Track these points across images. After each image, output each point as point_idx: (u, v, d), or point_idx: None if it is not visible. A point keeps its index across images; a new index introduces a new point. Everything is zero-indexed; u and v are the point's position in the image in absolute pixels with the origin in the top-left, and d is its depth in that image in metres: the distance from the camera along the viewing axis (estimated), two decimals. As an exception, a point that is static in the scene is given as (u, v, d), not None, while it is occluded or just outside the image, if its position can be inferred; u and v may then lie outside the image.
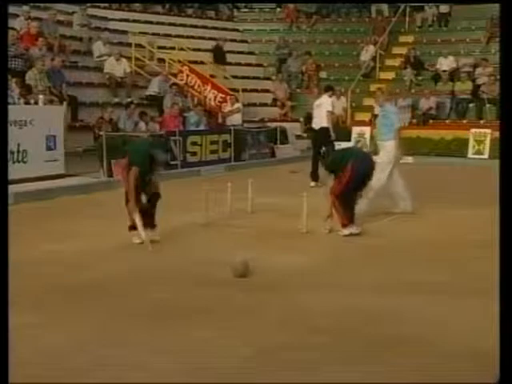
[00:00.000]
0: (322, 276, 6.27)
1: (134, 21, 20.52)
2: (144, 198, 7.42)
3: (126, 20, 20.41)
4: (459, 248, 7.37)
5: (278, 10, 25.07)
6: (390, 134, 9.44)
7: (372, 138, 18.24)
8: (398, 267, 6.54)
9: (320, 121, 12.40)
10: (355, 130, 18.58)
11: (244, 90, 19.32)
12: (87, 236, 7.76)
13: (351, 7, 24.45)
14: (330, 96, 12.95)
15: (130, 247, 7.26)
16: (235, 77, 19.89)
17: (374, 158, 8.72)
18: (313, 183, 11.94)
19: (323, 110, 12.37)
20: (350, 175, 7.85)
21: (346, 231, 7.90)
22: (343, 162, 7.95)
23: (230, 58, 21.42)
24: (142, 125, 14.57)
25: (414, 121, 18.82)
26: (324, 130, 12.26)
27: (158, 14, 22.22)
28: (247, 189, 9.26)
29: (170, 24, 21.66)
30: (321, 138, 12.06)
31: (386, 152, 9.39)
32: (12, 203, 8.49)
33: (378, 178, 8.68)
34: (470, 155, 17.51)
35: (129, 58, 17.61)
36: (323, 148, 9.53)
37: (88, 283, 5.87)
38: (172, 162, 13.72)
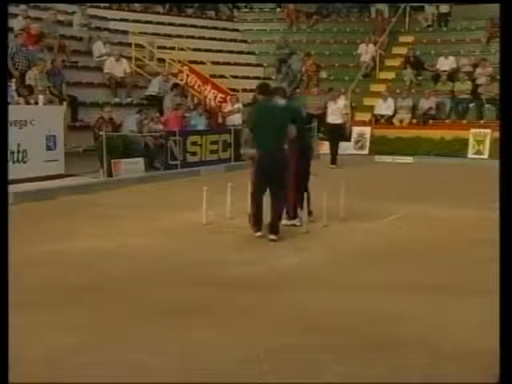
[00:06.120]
0: (322, 276, 6.28)
1: (134, 21, 20.44)
2: None
3: (126, 20, 20.33)
4: (459, 248, 7.37)
5: (278, 9, 25.02)
6: None
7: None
8: (398, 267, 6.55)
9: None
10: (355, 130, 18.56)
11: (244, 90, 19.29)
12: (87, 236, 7.75)
13: (351, 7, 24.39)
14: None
15: (129, 247, 7.26)
16: (235, 77, 19.86)
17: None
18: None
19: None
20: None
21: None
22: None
23: (229, 57, 21.39)
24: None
25: (414, 121, 18.79)
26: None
27: (158, 13, 22.16)
28: (247, 189, 9.24)
29: (170, 24, 21.59)
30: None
31: None
32: (12, 203, 8.48)
33: None
34: (470, 155, 17.49)
35: (129, 58, 17.58)
36: None
37: (88, 283, 5.87)
38: (172, 162, 13.72)
